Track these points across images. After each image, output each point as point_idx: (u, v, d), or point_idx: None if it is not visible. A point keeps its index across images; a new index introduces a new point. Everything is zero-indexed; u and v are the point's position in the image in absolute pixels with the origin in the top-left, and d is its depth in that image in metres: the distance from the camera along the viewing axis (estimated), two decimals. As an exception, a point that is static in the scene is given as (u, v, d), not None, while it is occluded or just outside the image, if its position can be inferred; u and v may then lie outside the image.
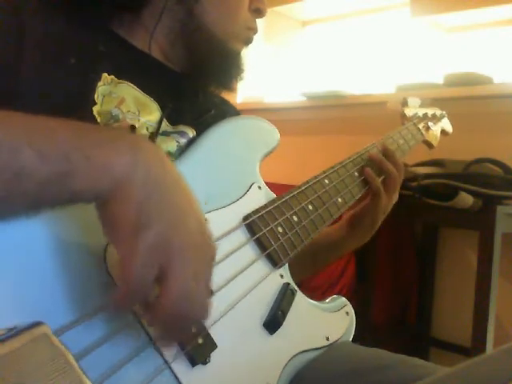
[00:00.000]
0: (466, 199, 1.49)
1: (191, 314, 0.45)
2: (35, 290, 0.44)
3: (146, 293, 0.43)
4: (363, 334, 1.57)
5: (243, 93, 2.66)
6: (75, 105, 0.64)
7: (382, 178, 0.85)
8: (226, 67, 0.78)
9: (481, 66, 2.05)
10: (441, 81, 1.99)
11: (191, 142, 0.72)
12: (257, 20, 0.80)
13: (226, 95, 0.88)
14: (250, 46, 0.81)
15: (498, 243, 1.48)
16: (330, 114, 2.35)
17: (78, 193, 0.42)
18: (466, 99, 1.92)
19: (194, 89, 0.81)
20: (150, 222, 0.42)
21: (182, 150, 0.71)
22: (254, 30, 0.80)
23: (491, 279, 1.45)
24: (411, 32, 2.37)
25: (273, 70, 2.74)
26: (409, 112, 1.07)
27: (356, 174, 0.83)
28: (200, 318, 0.47)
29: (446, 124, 1.17)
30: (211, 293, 0.48)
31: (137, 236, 0.42)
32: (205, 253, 0.46)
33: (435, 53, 2.30)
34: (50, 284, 0.45)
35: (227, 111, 0.86)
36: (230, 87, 0.80)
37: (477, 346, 1.47)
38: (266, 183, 0.73)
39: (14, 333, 0.38)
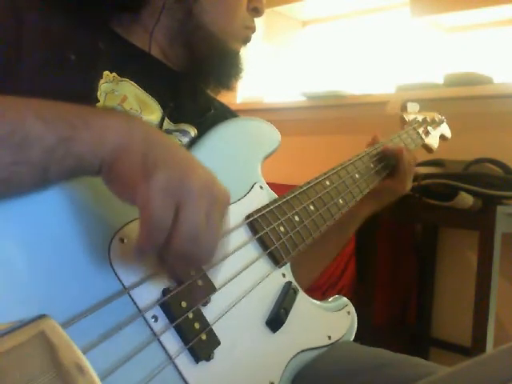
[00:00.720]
0: (466, 199, 1.49)
1: (200, 250, 0.46)
2: (40, 284, 0.44)
3: (167, 228, 0.44)
4: (363, 334, 1.57)
5: (243, 93, 2.66)
6: (77, 102, 0.64)
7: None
8: (225, 66, 0.78)
9: (481, 66, 2.05)
10: (441, 81, 1.99)
11: (193, 142, 0.72)
12: (256, 20, 0.81)
13: (226, 94, 0.88)
14: (248, 45, 0.81)
15: (498, 243, 1.48)
16: (329, 114, 2.35)
17: (82, 157, 0.44)
18: (465, 99, 1.92)
19: (193, 88, 0.81)
20: (158, 166, 0.44)
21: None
22: (253, 29, 0.80)
23: (491, 279, 1.45)
24: (411, 32, 2.37)
25: (273, 70, 2.74)
26: (408, 117, 1.08)
27: (357, 175, 0.84)
28: (206, 257, 0.48)
29: (445, 129, 1.18)
30: (221, 236, 0.50)
31: (148, 180, 0.43)
32: (216, 195, 0.47)
33: (435, 53, 2.30)
34: (54, 278, 0.45)
35: (226, 113, 0.86)
36: (229, 86, 0.81)
37: (477, 346, 1.47)
38: (267, 183, 0.74)
39: (19, 326, 0.38)
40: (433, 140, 1.11)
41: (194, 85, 0.81)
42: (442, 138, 1.16)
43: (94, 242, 0.49)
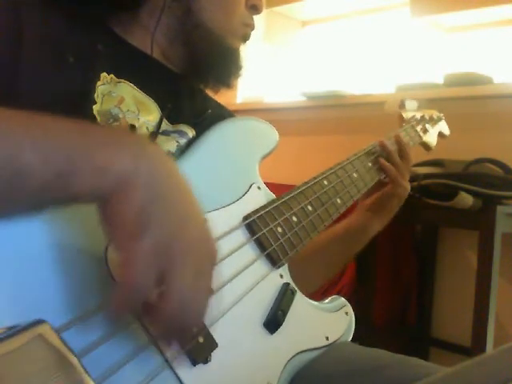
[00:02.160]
0: (466, 199, 1.49)
1: (191, 317, 0.45)
2: (36, 289, 0.44)
3: (146, 296, 0.43)
4: (363, 334, 1.57)
5: (243, 93, 2.66)
6: (75, 104, 0.64)
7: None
8: (224, 64, 0.78)
9: (481, 66, 2.05)
10: (441, 81, 1.99)
11: (191, 142, 0.72)
12: (256, 20, 0.81)
13: (226, 94, 0.88)
14: (247, 42, 0.81)
15: (498, 243, 1.48)
16: (329, 114, 2.35)
17: (79, 193, 0.41)
18: (465, 99, 1.92)
19: (192, 89, 0.81)
20: (151, 225, 0.42)
21: (182, 151, 0.71)
22: (251, 27, 0.80)
23: (491, 279, 1.45)
24: (411, 32, 2.37)
25: (273, 70, 2.74)
26: (406, 114, 1.07)
27: (354, 175, 0.84)
28: (199, 321, 0.48)
29: (443, 127, 1.17)
30: (211, 295, 0.48)
31: (137, 239, 0.41)
32: (205, 258, 0.46)
33: (435, 53, 2.30)
34: (50, 282, 0.45)
35: (223, 113, 0.86)
36: (229, 84, 0.81)
37: (477, 346, 1.47)
38: (266, 183, 0.74)
39: (15, 331, 0.37)
40: (431, 138, 1.10)
41: (192, 85, 0.81)
42: (441, 135, 1.16)
43: (91, 248, 0.49)
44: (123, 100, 0.68)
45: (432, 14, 2.16)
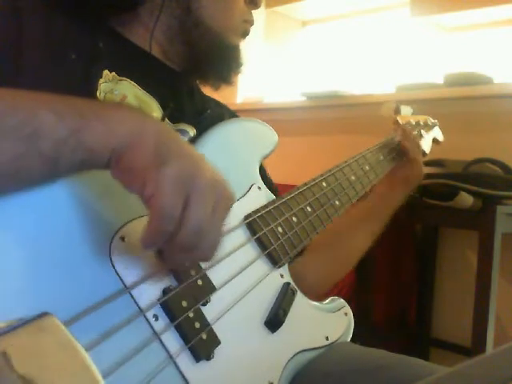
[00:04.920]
0: (466, 199, 1.49)
1: (202, 245, 0.47)
2: (41, 283, 0.44)
3: (176, 221, 0.44)
4: (363, 334, 1.57)
5: (243, 93, 2.66)
6: None
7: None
8: (224, 61, 0.78)
9: (481, 66, 2.05)
10: (441, 81, 1.99)
11: (192, 142, 0.72)
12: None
13: (226, 94, 0.88)
14: (247, 39, 0.81)
15: (498, 243, 1.48)
16: (329, 114, 2.35)
17: (92, 149, 0.44)
18: (466, 99, 1.92)
19: (191, 87, 0.81)
20: (170, 157, 0.44)
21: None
22: (251, 22, 0.80)
23: (491, 279, 1.45)
24: (411, 32, 2.37)
25: (273, 70, 2.74)
26: (401, 120, 1.09)
27: (352, 177, 0.85)
28: (208, 253, 0.49)
29: (437, 132, 1.19)
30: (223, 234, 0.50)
31: (159, 170, 0.43)
32: (223, 192, 0.48)
33: (435, 53, 2.30)
34: (55, 276, 0.46)
35: (223, 112, 0.86)
36: (230, 81, 0.81)
37: (477, 346, 1.47)
38: (266, 183, 0.74)
39: (22, 323, 0.38)
40: (426, 143, 1.12)
41: (192, 83, 0.82)
42: (435, 141, 1.18)
43: (95, 241, 0.49)
44: (125, 98, 0.69)
45: (432, 13, 2.16)
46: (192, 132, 0.75)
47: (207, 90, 0.86)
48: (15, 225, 0.45)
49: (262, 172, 0.78)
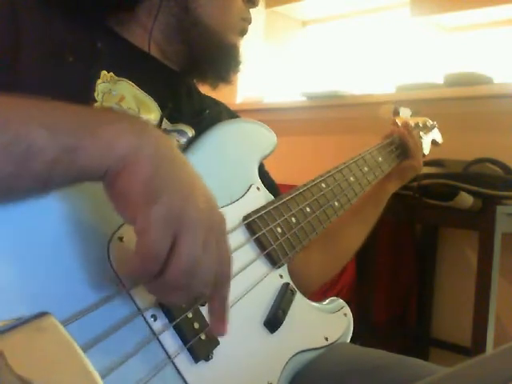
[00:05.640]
0: (466, 199, 1.49)
1: (193, 284, 0.45)
2: (39, 282, 0.45)
3: (163, 260, 0.43)
4: (363, 334, 1.57)
5: (243, 93, 2.65)
6: (75, 102, 0.64)
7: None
8: (223, 60, 0.78)
9: (481, 66, 2.05)
10: (441, 81, 1.99)
11: (190, 142, 0.72)
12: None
13: (226, 94, 0.88)
14: (245, 37, 0.81)
15: (498, 243, 1.47)
16: (329, 114, 2.35)
17: (85, 169, 0.42)
18: (466, 99, 1.92)
19: (189, 87, 0.81)
20: (161, 193, 0.43)
21: (182, 150, 0.71)
22: (249, 21, 0.80)
23: (491, 279, 1.45)
24: (411, 32, 2.37)
25: (273, 70, 2.74)
26: (400, 121, 1.09)
27: (351, 178, 0.85)
28: (200, 289, 0.47)
29: (436, 134, 1.19)
30: (231, 261, 0.48)
31: (149, 208, 0.42)
32: (214, 222, 0.47)
33: (435, 53, 2.29)
34: (55, 276, 0.46)
35: (221, 110, 0.86)
36: (229, 80, 0.81)
37: (477, 346, 1.47)
38: (267, 183, 0.74)
39: (20, 323, 0.38)
40: (425, 145, 1.12)
41: (189, 83, 0.81)
42: (434, 143, 1.18)
43: (94, 241, 0.50)
44: (123, 98, 0.68)
45: (432, 13, 2.16)
46: (191, 132, 0.74)
47: (206, 90, 0.86)
48: (13, 223, 0.45)
49: (263, 173, 0.78)
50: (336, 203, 0.80)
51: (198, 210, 0.45)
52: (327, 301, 0.76)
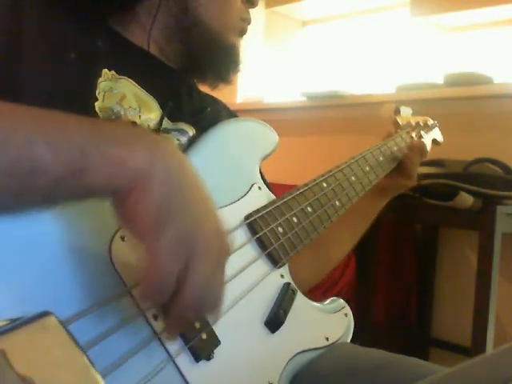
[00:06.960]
0: (466, 199, 1.49)
1: (204, 306, 0.46)
2: (41, 281, 0.45)
3: (173, 286, 0.43)
4: (363, 334, 1.57)
5: (243, 93, 2.66)
6: (77, 100, 0.64)
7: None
8: (223, 60, 0.78)
9: (481, 66, 2.05)
10: (441, 81, 1.99)
11: (191, 141, 0.72)
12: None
13: (226, 94, 0.88)
14: (245, 37, 0.81)
15: (498, 243, 1.47)
16: (329, 114, 2.35)
17: (93, 189, 0.41)
18: (465, 99, 1.92)
19: (189, 86, 0.81)
20: (172, 218, 0.42)
21: (183, 149, 0.71)
22: (248, 21, 0.80)
23: (491, 279, 1.45)
24: (411, 32, 2.37)
25: (273, 70, 2.74)
26: (401, 120, 1.09)
27: (353, 178, 0.85)
28: (211, 311, 0.48)
29: (436, 133, 1.19)
30: (224, 289, 0.49)
31: (160, 231, 0.41)
32: (222, 250, 0.47)
33: (435, 53, 2.30)
34: (56, 276, 0.46)
35: (221, 109, 0.86)
36: (228, 80, 0.81)
37: (477, 346, 1.47)
38: (267, 183, 0.74)
39: (21, 322, 0.38)
40: (426, 144, 1.12)
41: (189, 82, 0.82)
42: (434, 142, 1.18)
43: (96, 240, 0.50)
44: (124, 97, 0.68)
45: (432, 13, 2.16)
46: (191, 131, 0.75)
47: (206, 90, 0.86)
48: (14, 223, 0.45)
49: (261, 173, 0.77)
50: (337, 202, 0.80)
51: (209, 234, 0.45)
52: (328, 301, 0.76)
